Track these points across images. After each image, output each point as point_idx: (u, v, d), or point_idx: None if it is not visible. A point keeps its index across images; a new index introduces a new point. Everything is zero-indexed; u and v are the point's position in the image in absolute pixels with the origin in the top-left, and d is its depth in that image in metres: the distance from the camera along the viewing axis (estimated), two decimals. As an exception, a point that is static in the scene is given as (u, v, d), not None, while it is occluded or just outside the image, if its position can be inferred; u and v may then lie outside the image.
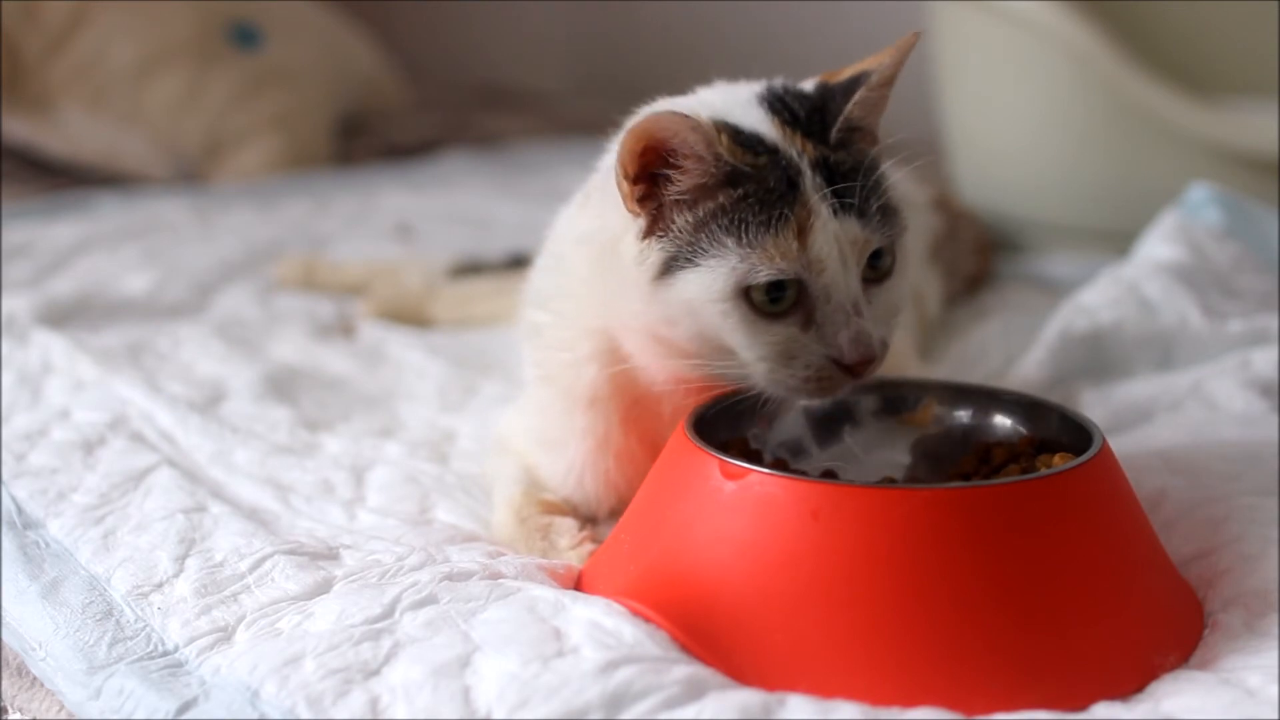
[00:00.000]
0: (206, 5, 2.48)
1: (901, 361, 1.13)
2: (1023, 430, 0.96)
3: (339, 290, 1.69)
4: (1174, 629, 0.84)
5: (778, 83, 0.96)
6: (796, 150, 0.90)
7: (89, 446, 1.17)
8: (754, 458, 0.95)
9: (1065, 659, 0.78)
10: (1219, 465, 1.04)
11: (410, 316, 1.59)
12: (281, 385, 1.35)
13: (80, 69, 2.32)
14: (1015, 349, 1.38)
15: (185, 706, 0.80)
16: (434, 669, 0.78)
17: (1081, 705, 0.77)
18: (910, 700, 0.75)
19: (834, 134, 0.92)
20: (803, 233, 0.88)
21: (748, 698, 0.75)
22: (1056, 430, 0.94)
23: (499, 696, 0.76)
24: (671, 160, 0.89)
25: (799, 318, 0.89)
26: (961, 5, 1.87)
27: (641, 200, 0.91)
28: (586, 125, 2.74)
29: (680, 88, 0.99)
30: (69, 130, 2.31)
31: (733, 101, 0.94)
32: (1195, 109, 1.72)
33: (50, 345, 1.43)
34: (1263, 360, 1.24)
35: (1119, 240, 1.58)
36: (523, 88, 3.25)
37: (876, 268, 0.91)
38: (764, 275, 0.88)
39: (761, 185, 0.89)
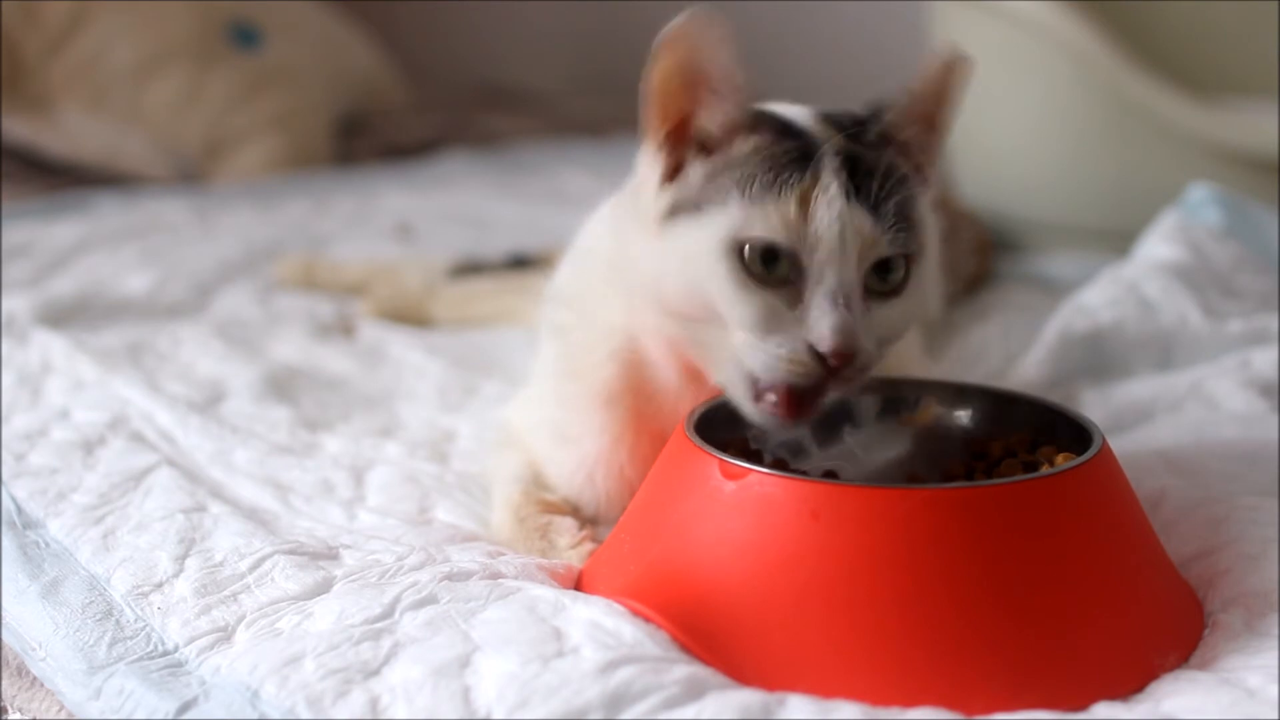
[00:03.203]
0: (206, 5, 2.48)
1: (909, 362, 1.13)
2: (1021, 430, 0.96)
3: (339, 290, 1.69)
4: (1174, 629, 0.84)
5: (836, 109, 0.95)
6: (826, 135, 0.89)
7: (89, 446, 1.17)
8: (754, 458, 0.95)
9: (1065, 659, 0.78)
10: (1219, 465, 1.04)
11: (410, 316, 1.59)
12: (281, 385, 1.35)
13: (80, 69, 2.32)
14: (1015, 349, 1.38)
15: (185, 706, 0.80)
16: (434, 669, 0.78)
17: (1081, 705, 0.77)
18: (910, 700, 0.75)
19: (869, 135, 0.90)
20: (806, 203, 0.86)
21: (748, 698, 0.75)
22: (1056, 430, 0.94)
23: (499, 696, 0.76)
24: (704, 87, 0.88)
25: (788, 294, 0.86)
26: (961, 5, 1.87)
27: (668, 142, 0.91)
28: (586, 125, 2.75)
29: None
30: (69, 130, 2.31)
31: (784, 109, 0.94)
32: (1195, 109, 1.72)
33: (50, 345, 1.43)
34: (1263, 360, 1.24)
35: (1119, 240, 1.58)
36: (523, 88, 3.25)
37: (886, 280, 0.88)
38: (757, 233, 0.86)
39: (779, 148, 0.88)
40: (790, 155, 0.88)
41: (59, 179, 2.26)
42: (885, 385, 1.00)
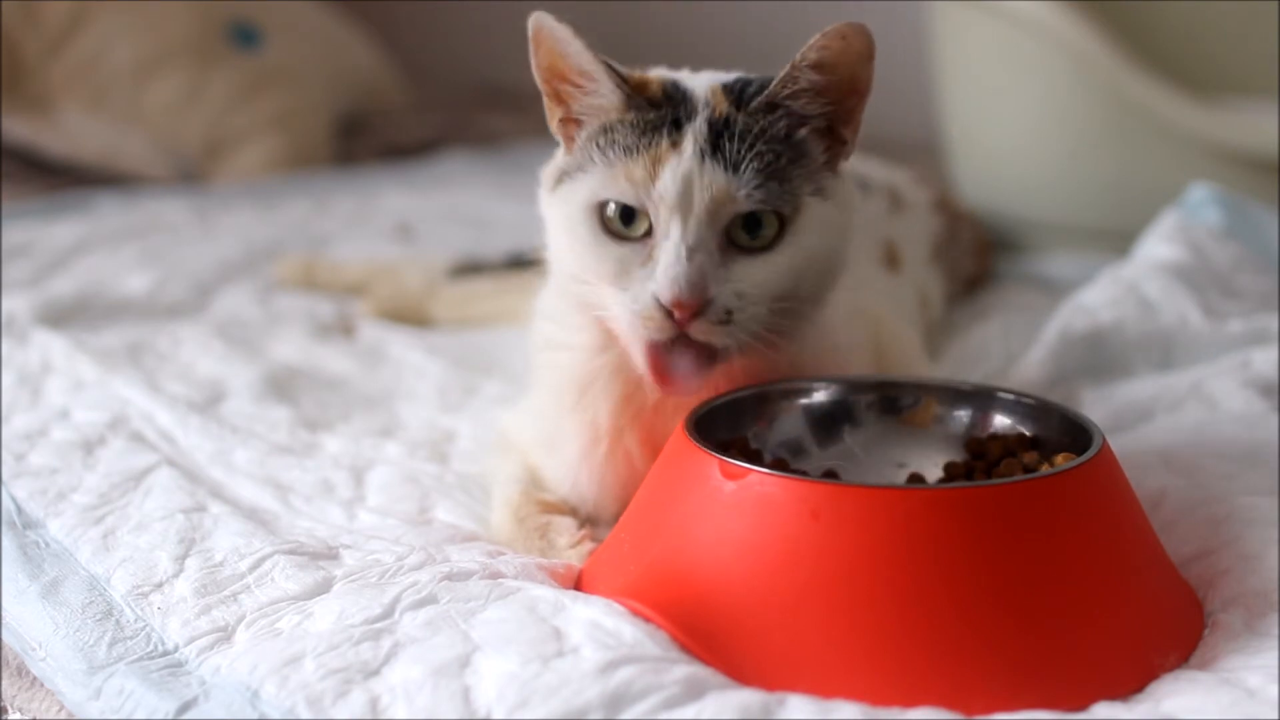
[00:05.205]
0: (206, 5, 2.48)
1: (911, 363, 1.13)
2: (1020, 429, 0.96)
3: (339, 290, 1.69)
4: (1174, 629, 0.84)
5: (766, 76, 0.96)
6: (706, 103, 0.92)
7: (89, 446, 1.17)
8: (754, 458, 0.95)
9: (1065, 659, 0.78)
10: (1219, 465, 1.04)
11: (410, 316, 1.59)
12: (281, 385, 1.35)
13: (80, 69, 2.32)
14: (1015, 349, 1.38)
15: (185, 706, 0.80)
16: (434, 669, 0.78)
17: (1081, 705, 0.77)
18: (910, 700, 0.75)
19: (754, 104, 0.92)
20: (657, 164, 0.89)
21: (748, 698, 0.75)
22: (1056, 430, 0.94)
23: (499, 696, 0.76)
24: (565, 80, 0.94)
25: (644, 250, 0.90)
26: (961, 5, 1.87)
27: (565, 120, 0.97)
28: (586, 125, 2.75)
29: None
30: (69, 130, 2.31)
31: (703, 76, 0.98)
32: (1195, 109, 1.72)
33: (50, 345, 1.43)
34: (1263, 360, 1.24)
35: (1119, 240, 1.58)
36: (523, 88, 3.24)
37: (755, 236, 0.91)
38: (606, 194, 0.91)
39: (648, 116, 0.92)
40: (658, 121, 0.91)
41: (59, 179, 2.26)
42: (885, 385, 1.00)
